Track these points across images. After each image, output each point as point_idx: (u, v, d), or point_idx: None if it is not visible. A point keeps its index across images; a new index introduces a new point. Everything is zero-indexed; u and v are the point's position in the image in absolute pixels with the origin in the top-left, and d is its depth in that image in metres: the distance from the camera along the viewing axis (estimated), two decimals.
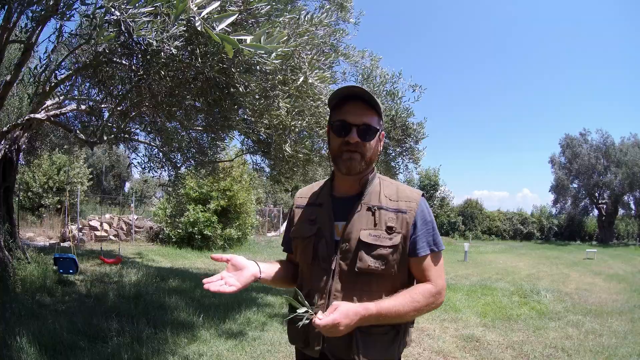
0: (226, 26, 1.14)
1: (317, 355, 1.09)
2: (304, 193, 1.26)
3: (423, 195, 1.15)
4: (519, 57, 76.21)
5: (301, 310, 1.00)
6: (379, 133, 1.12)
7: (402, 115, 4.81)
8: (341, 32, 4.16)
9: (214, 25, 1.14)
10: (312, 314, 0.98)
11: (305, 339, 1.11)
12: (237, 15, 1.21)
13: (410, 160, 5.41)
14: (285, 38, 1.30)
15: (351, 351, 1.04)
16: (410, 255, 1.09)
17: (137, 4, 1.50)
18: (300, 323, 0.98)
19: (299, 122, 3.52)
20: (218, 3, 1.23)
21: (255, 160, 5.69)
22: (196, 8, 1.20)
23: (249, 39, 1.15)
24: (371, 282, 1.07)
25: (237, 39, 1.08)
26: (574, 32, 74.09)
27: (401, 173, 5.66)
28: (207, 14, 1.16)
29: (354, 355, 1.04)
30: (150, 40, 1.73)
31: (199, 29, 1.16)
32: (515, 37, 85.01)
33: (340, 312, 0.95)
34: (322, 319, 0.94)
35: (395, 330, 1.09)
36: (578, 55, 69.60)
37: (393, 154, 5.40)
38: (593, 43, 67.51)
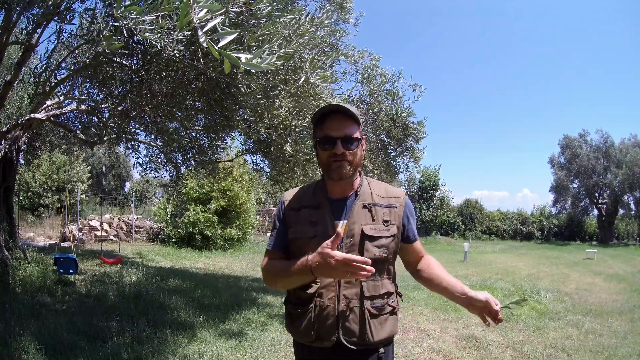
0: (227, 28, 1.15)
1: (331, 345, 1.20)
2: (294, 196, 1.34)
3: (406, 193, 1.38)
4: (519, 57, 76.17)
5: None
6: (360, 140, 1.25)
7: (403, 115, 4.81)
8: (341, 32, 4.16)
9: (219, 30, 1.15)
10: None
11: (316, 333, 1.21)
12: (236, 34, 1.23)
13: (411, 160, 5.39)
14: (276, 56, 1.34)
15: (365, 334, 1.20)
16: (408, 242, 1.33)
17: (141, 13, 1.51)
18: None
19: (300, 121, 3.52)
20: (220, 19, 1.25)
21: (255, 160, 5.70)
22: (199, 22, 1.21)
23: (243, 57, 1.18)
24: (375, 269, 1.20)
25: (236, 56, 1.12)
26: (573, 32, 74.24)
27: (401, 172, 5.64)
28: (209, 29, 1.19)
29: (368, 337, 1.20)
30: (154, 42, 1.73)
31: (204, 45, 1.19)
32: (514, 37, 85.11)
33: (482, 294, 1.20)
34: (497, 304, 1.19)
35: (394, 312, 1.29)
36: (578, 56, 69.68)
37: (393, 154, 5.39)
38: (593, 43, 67.57)
